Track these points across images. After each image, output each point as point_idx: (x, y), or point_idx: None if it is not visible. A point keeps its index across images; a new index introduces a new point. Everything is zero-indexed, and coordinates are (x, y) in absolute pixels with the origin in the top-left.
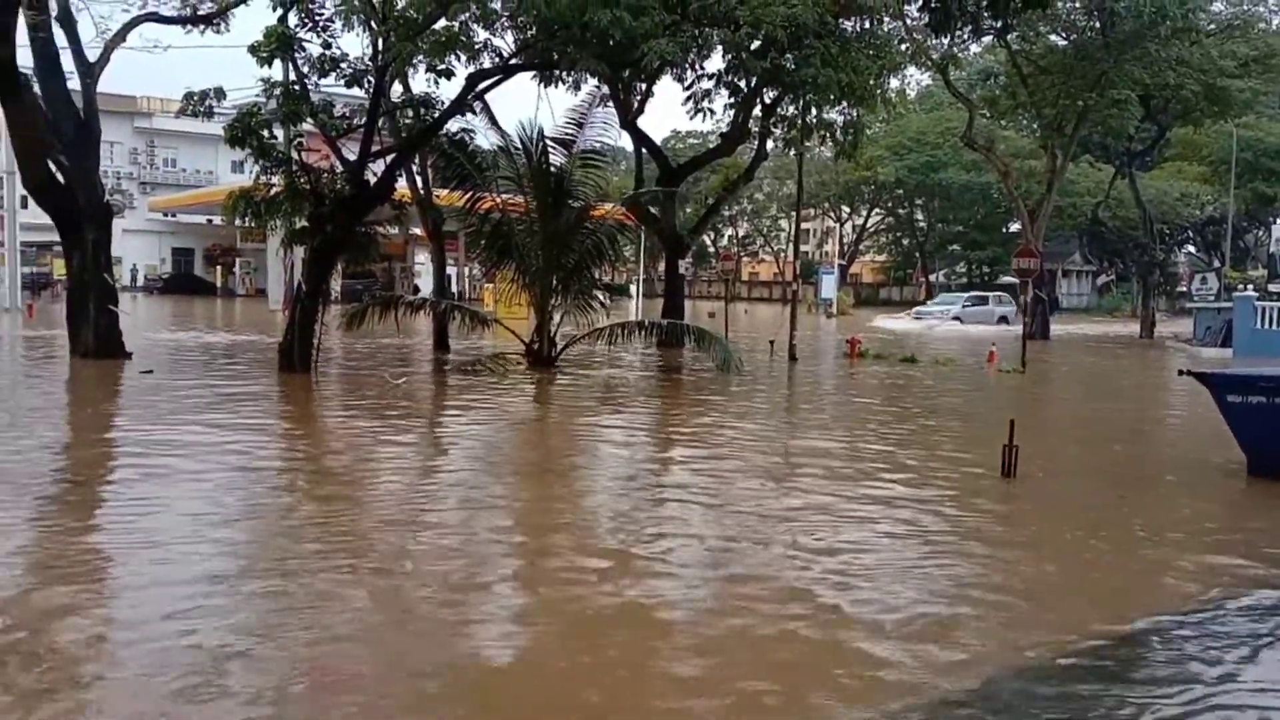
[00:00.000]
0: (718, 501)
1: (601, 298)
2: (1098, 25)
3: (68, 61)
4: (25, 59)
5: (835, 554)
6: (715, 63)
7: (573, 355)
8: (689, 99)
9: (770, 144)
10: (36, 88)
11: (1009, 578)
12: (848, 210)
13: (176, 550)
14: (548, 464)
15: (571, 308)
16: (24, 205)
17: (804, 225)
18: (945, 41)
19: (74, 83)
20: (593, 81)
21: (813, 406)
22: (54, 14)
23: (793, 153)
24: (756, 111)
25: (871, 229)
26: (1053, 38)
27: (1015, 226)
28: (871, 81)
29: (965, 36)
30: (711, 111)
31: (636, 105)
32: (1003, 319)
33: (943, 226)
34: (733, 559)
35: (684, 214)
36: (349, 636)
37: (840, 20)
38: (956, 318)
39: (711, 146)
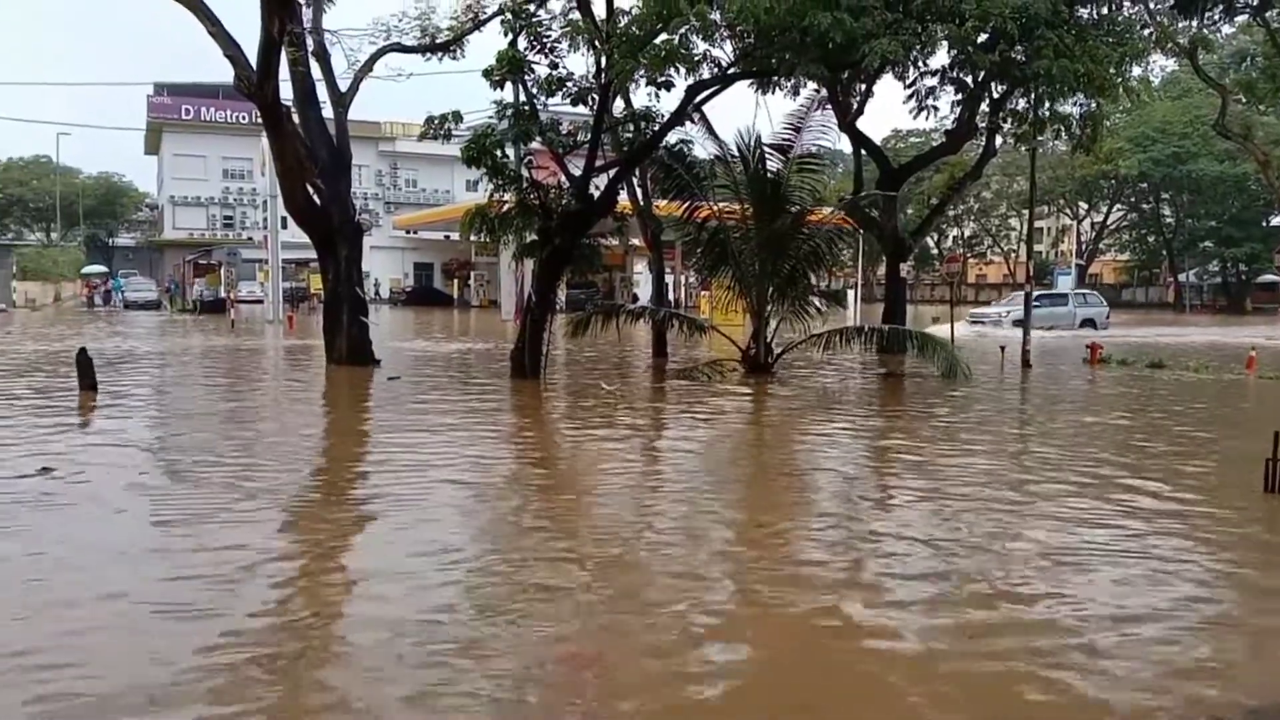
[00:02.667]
0: (949, 520)
1: (818, 303)
2: None
3: (321, 92)
4: (285, 91)
5: (1078, 567)
6: (940, 59)
7: (790, 362)
8: (911, 97)
9: (999, 140)
10: (295, 117)
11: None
12: (1085, 207)
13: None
14: (767, 469)
15: (788, 314)
16: (283, 225)
17: (1037, 224)
18: (1193, 23)
19: (327, 111)
20: (811, 85)
21: (1048, 416)
22: (310, 49)
23: (1024, 148)
24: (984, 107)
25: (1112, 226)
26: None
27: (1277, 220)
28: (1111, 70)
29: (1216, 17)
30: (935, 109)
31: (856, 106)
32: (1088, 322)
33: (1193, 222)
34: (964, 574)
35: (905, 215)
36: (587, 624)
37: (1075, 8)
38: (1020, 321)
39: (935, 145)
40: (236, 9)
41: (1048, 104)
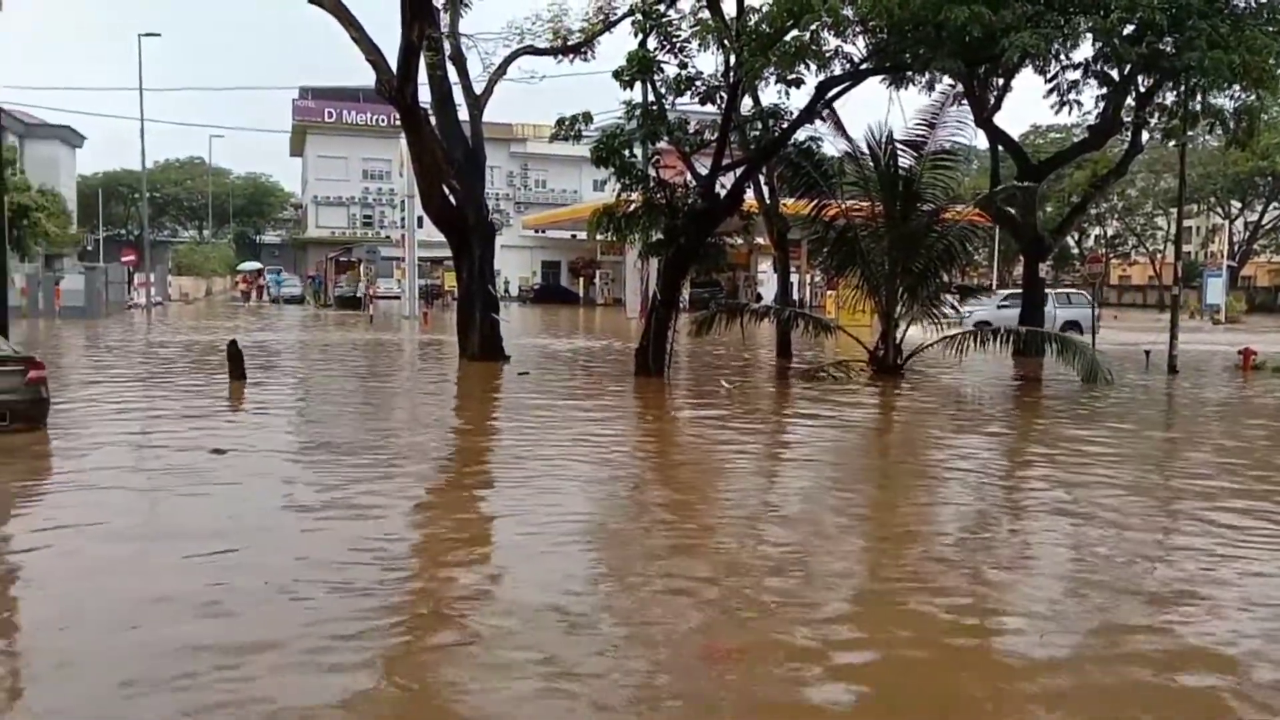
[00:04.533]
0: (1086, 526)
1: (952, 303)
2: None
3: (458, 95)
4: (423, 95)
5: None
6: (1083, 52)
7: (920, 363)
8: (1052, 91)
9: (1145, 135)
10: (433, 120)
11: None
12: (1239, 205)
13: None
14: (898, 472)
15: (919, 314)
16: (419, 224)
17: (1186, 223)
18: None
19: (463, 114)
20: (947, 80)
21: (1199, 428)
22: (448, 53)
23: (1173, 144)
24: (1130, 101)
25: (1268, 225)
26: None
27: None
28: (1271, 61)
29: None
30: (1078, 104)
31: (993, 101)
32: (1072, 325)
33: None
34: (1102, 591)
35: (1044, 213)
36: (718, 618)
37: None
38: (984, 321)
39: (1077, 140)
40: (378, 16)
41: (1199, 97)
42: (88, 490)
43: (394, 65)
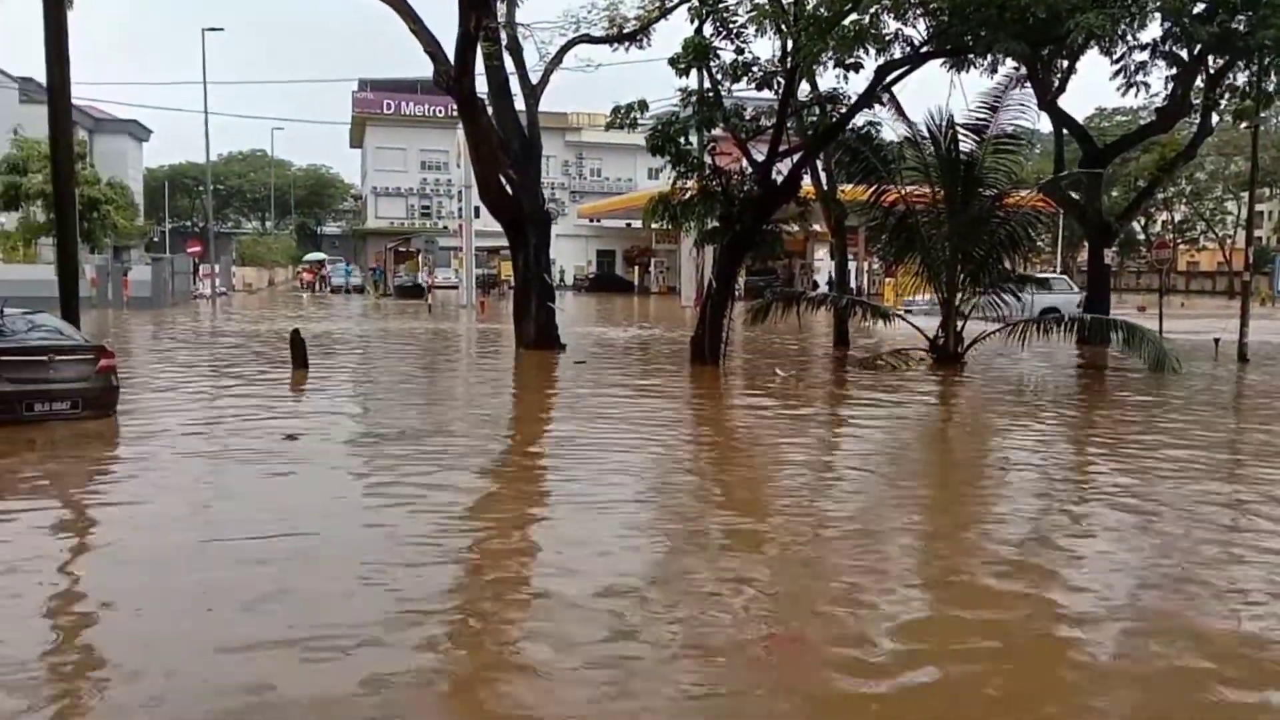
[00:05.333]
0: (1156, 525)
1: (1014, 290)
2: None
3: (514, 85)
4: (480, 85)
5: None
6: (1151, 32)
7: (981, 351)
8: (1119, 73)
9: (1216, 117)
10: (489, 110)
11: None
12: None
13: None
14: (960, 464)
15: (980, 301)
16: (476, 214)
17: (1258, 207)
18: None
19: (518, 103)
20: (1010, 62)
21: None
22: (504, 43)
23: (1244, 125)
24: (1199, 82)
25: None
26: None
27: None
28: None
29: None
30: (1146, 85)
31: (1057, 84)
32: (1050, 311)
33: None
34: (1170, 591)
35: (1110, 198)
36: (786, 608)
37: None
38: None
39: (1144, 123)
40: (436, 7)
41: (1273, 77)
42: (158, 471)
43: (451, 56)
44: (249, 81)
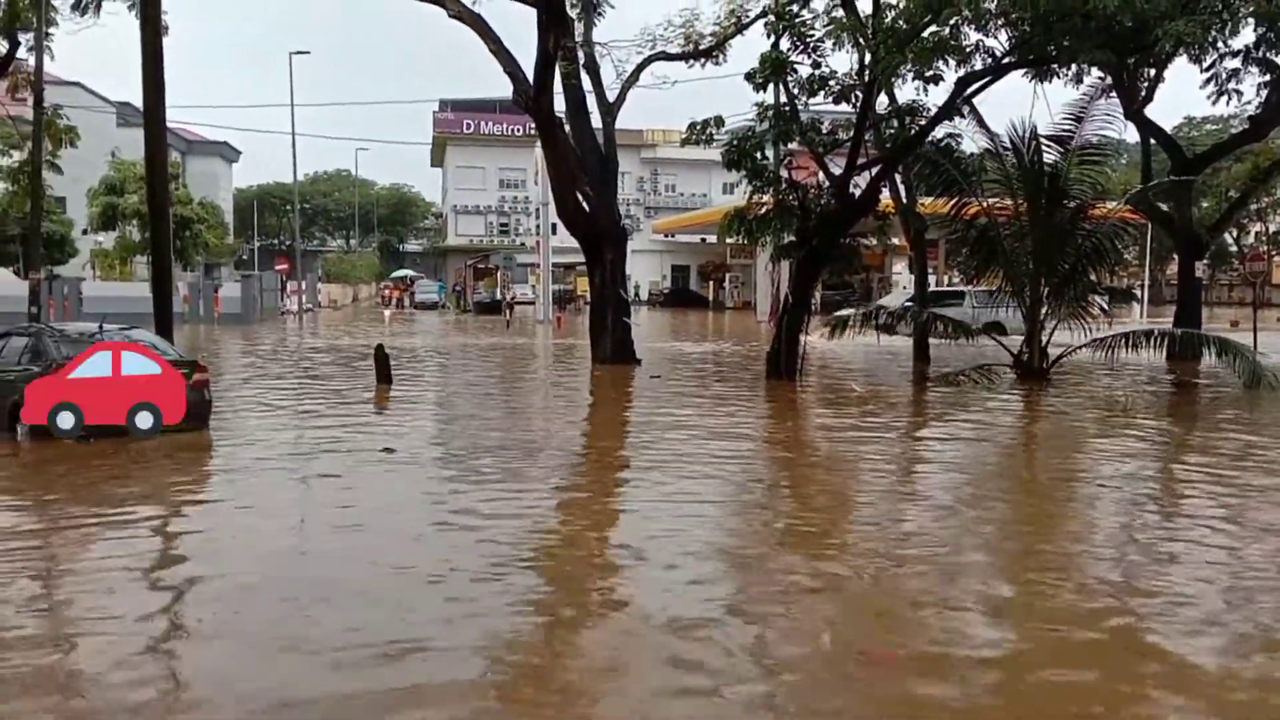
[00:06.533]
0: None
1: (1101, 304)
2: None
3: (591, 103)
4: (557, 104)
5: None
6: (1244, 38)
7: (1067, 367)
8: (1210, 81)
9: None
10: (567, 128)
11: None
12: None
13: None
14: (1044, 483)
15: (1066, 315)
16: (553, 231)
17: None
18: None
19: (595, 121)
20: (1095, 72)
21: None
22: (581, 62)
23: None
24: None
25: None
26: None
27: None
28: None
29: None
30: (1238, 93)
31: (1144, 93)
32: (995, 326)
33: None
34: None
35: (1200, 209)
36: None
37: None
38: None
39: (1235, 132)
40: (514, 30)
41: None
42: (251, 479)
43: (530, 76)
44: (334, 103)
